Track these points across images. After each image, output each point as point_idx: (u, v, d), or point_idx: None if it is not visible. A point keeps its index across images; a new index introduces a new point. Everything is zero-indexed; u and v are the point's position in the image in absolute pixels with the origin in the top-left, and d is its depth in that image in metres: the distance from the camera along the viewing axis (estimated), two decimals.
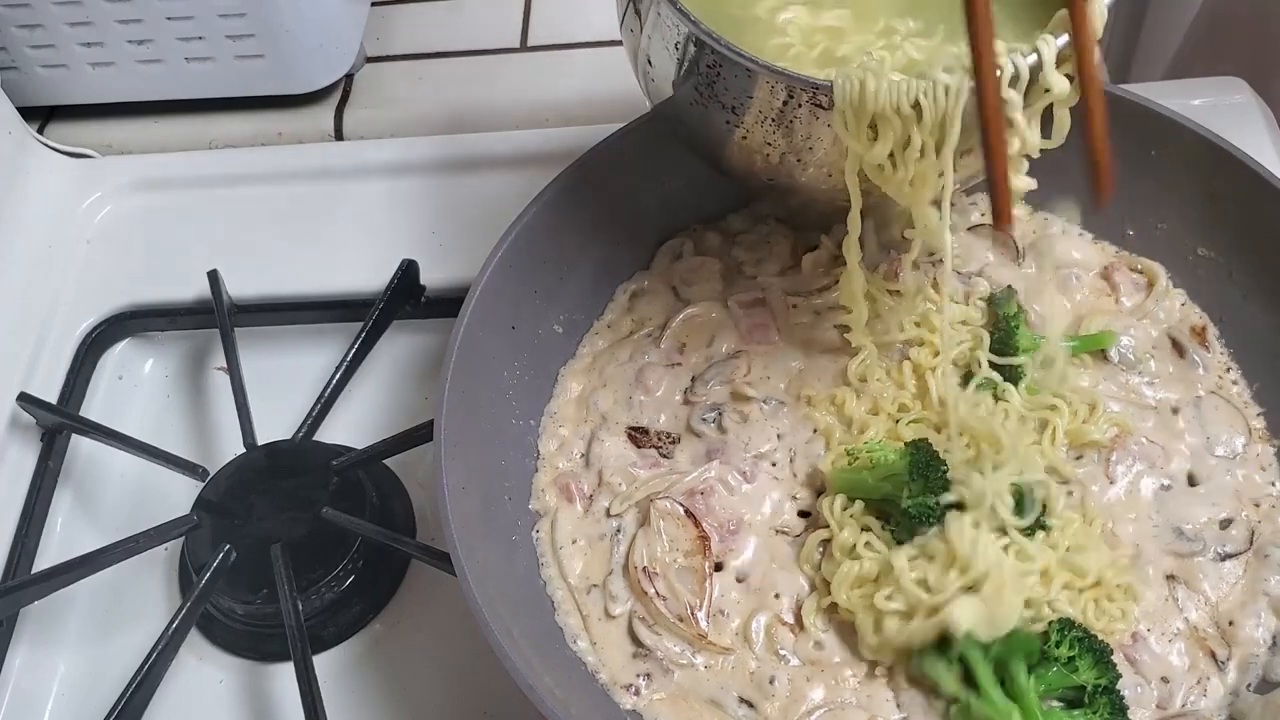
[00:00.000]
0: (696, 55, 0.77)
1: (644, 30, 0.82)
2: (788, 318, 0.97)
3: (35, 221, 1.18)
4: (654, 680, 0.83)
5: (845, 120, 0.74)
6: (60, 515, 1.04)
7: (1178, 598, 0.84)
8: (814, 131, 0.77)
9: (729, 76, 0.76)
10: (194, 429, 1.10)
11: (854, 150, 0.76)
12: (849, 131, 0.75)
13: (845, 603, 0.82)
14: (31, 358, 1.09)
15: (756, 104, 0.77)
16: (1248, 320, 0.94)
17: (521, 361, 0.95)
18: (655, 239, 1.03)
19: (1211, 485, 0.88)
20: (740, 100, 0.77)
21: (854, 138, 0.75)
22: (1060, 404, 0.89)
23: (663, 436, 0.93)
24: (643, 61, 0.84)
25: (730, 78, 0.76)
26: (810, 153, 0.79)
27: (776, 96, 0.76)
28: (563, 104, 1.25)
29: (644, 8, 0.80)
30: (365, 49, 1.32)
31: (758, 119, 0.78)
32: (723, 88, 0.77)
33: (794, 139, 0.78)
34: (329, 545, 0.95)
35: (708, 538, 0.86)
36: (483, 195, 1.15)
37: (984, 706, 0.77)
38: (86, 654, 0.97)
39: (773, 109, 0.77)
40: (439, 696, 0.91)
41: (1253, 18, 1.31)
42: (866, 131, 0.75)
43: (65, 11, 1.17)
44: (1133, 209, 0.98)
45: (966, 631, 0.77)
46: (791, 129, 0.78)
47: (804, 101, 0.75)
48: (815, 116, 0.76)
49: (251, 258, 1.13)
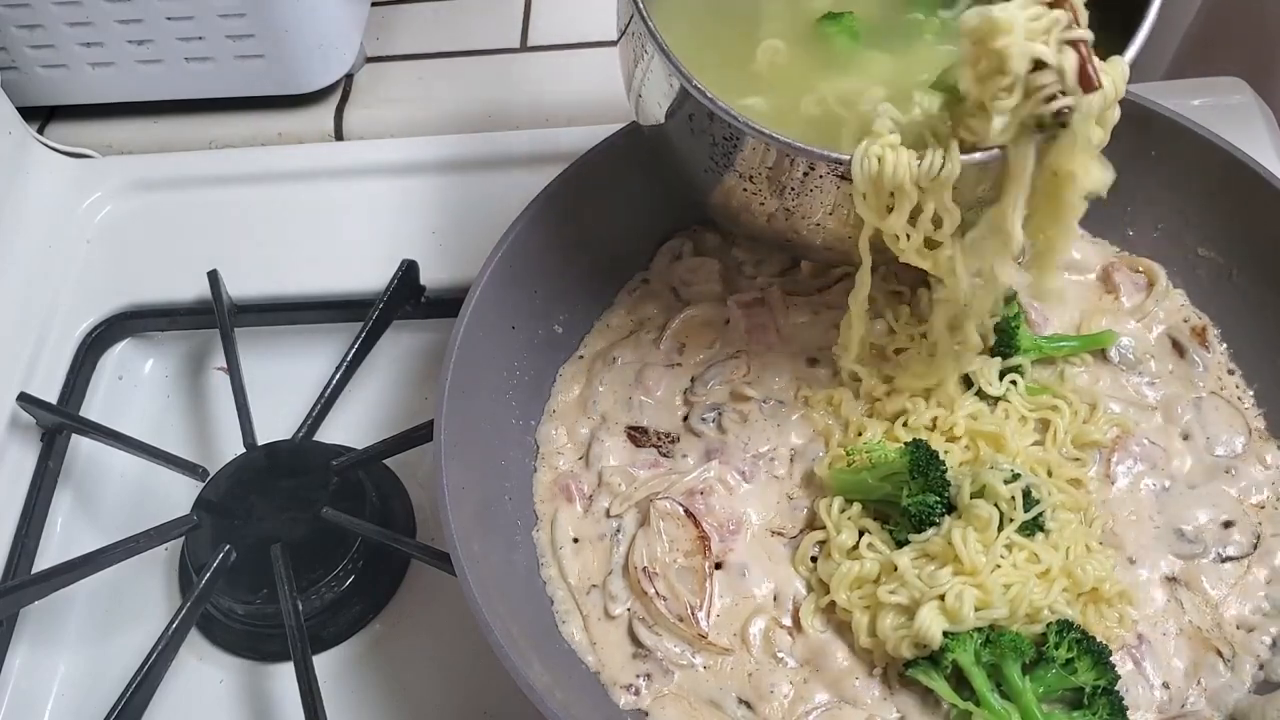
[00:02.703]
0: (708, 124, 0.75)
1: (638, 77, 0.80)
2: (787, 318, 0.97)
3: (35, 221, 1.18)
4: (654, 680, 0.83)
5: (864, 195, 0.73)
6: (60, 515, 1.04)
7: (1179, 598, 0.84)
8: (825, 200, 0.76)
9: (747, 149, 0.75)
10: (194, 429, 1.10)
11: (869, 222, 0.75)
12: (866, 204, 0.74)
13: (844, 603, 0.82)
14: (31, 358, 1.09)
15: (774, 174, 0.75)
16: (1248, 320, 0.94)
17: (521, 361, 0.95)
18: (655, 239, 1.03)
19: (1212, 486, 0.88)
20: (753, 169, 0.76)
21: (871, 210, 0.74)
22: (1061, 404, 0.89)
23: (662, 436, 0.93)
24: (634, 98, 0.83)
25: (749, 150, 0.75)
26: (823, 216, 0.78)
27: (795, 168, 0.74)
28: (563, 104, 1.25)
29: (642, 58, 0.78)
30: (365, 49, 1.32)
31: (767, 184, 0.77)
32: (740, 160, 0.76)
33: (803, 203, 0.77)
34: (329, 545, 0.95)
35: (708, 538, 0.86)
36: (483, 195, 1.15)
37: (984, 714, 0.77)
38: (86, 654, 0.97)
39: (789, 179, 0.75)
40: (439, 696, 0.91)
41: (1252, 18, 1.31)
42: (884, 203, 0.74)
43: (65, 11, 1.17)
44: (1133, 209, 0.98)
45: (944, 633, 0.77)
46: (806, 196, 0.76)
47: (825, 173, 0.74)
48: (833, 185, 0.75)
49: (251, 258, 1.13)
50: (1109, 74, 0.72)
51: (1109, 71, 0.72)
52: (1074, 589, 0.80)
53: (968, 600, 0.77)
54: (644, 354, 0.97)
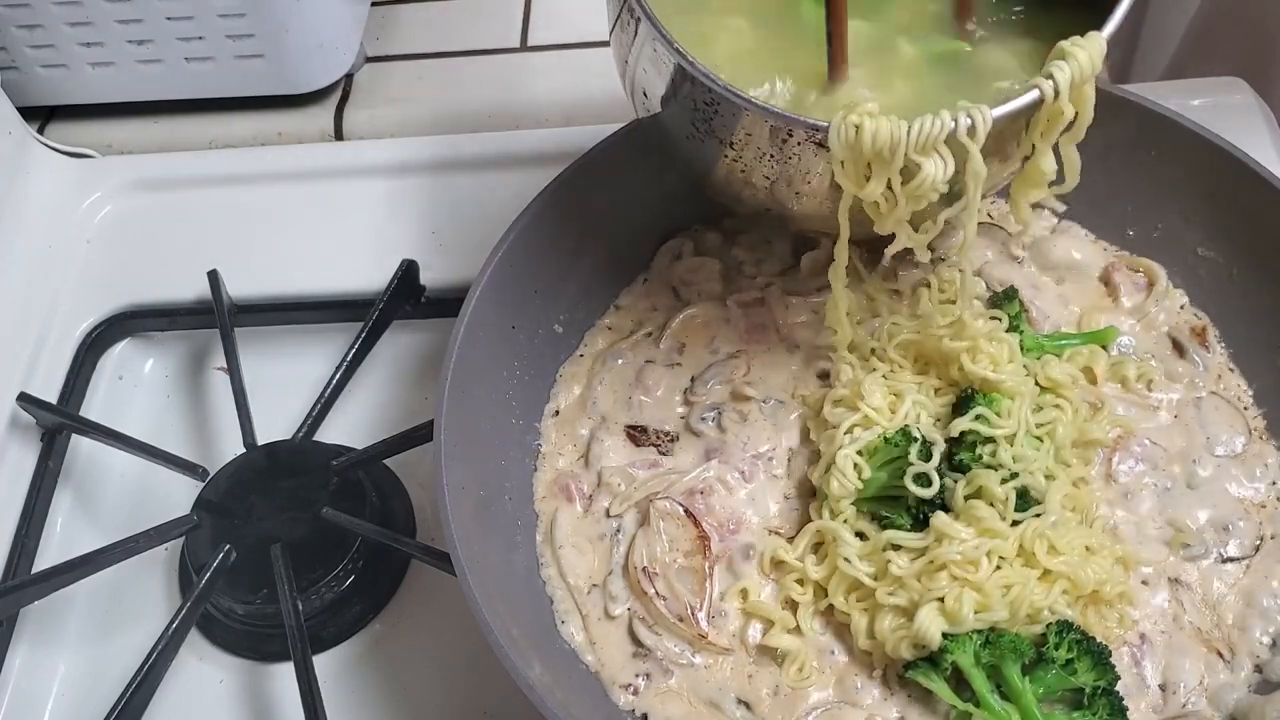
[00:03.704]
0: (690, 91, 0.76)
1: (632, 51, 0.80)
2: (787, 317, 0.97)
3: (35, 221, 1.18)
4: (653, 680, 0.83)
5: (841, 163, 0.73)
6: (60, 515, 1.05)
7: (1180, 599, 0.84)
8: (807, 166, 0.76)
9: (724, 113, 0.75)
10: (194, 429, 1.10)
11: (848, 190, 0.76)
12: (844, 173, 0.74)
13: (843, 605, 0.82)
14: (31, 358, 1.09)
15: (754, 140, 0.75)
16: (1248, 320, 0.94)
17: (521, 361, 0.95)
18: (655, 239, 1.03)
19: (1213, 486, 0.88)
20: (733, 134, 0.76)
21: (849, 179, 0.74)
22: (1064, 403, 0.89)
23: (662, 436, 0.93)
24: (629, 83, 0.83)
25: (726, 114, 0.75)
26: (805, 185, 0.78)
27: (777, 135, 0.74)
28: (563, 104, 1.25)
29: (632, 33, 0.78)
30: (365, 49, 1.32)
31: (752, 153, 0.77)
32: (720, 123, 0.76)
33: (786, 172, 0.77)
34: (329, 545, 0.95)
35: (707, 537, 0.86)
36: (483, 195, 1.15)
37: (984, 715, 0.77)
38: (86, 654, 0.97)
39: (766, 145, 0.75)
40: (439, 696, 0.91)
41: (1250, 18, 1.31)
42: (862, 172, 0.74)
43: (65, 11, 1.18)
44: (1133, 209, 0.98)
45: (943, 635, 0.77)
46: (783, 164, 0.76)
47: (803, 139, 0.74)
48: (811, 153, 0.75)
49: (251, 258, 1.13)
50: (1085, 49, 0.72)
51: (1085, 47, 0.72)
52: (1074, 590, 0.80)
53: (967, 602, 0.77)
54: (644, 354, 0.97)
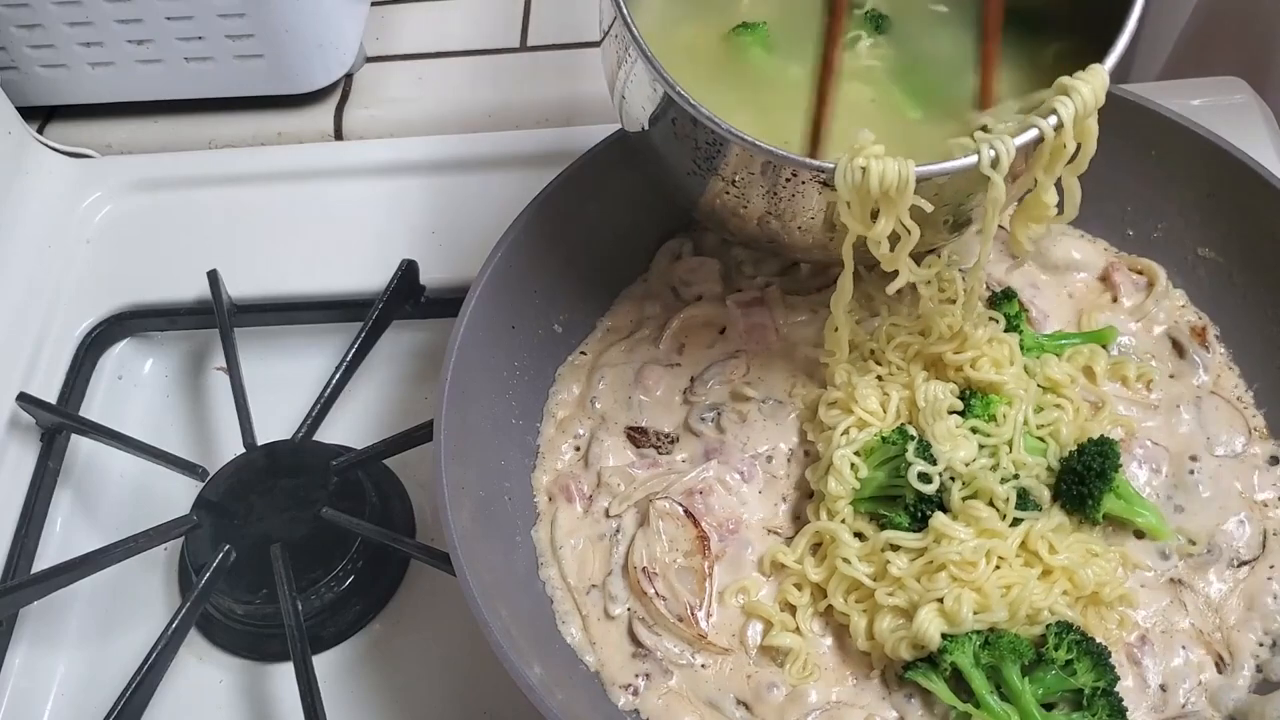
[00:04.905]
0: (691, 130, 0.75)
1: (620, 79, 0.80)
2: (786, 318, 0.97)
3: (35, 221, 1.18)
4: (653, 680, 0.83)
5: (848, 204, 0.73)
6: (60, 515, 1.05)
7: (1181, 600, 0.84)
8: (809, 206, 0.76)
9: (731, 156, 0.74)
10: (194, 429, 1.10)
11: (854, 230, 0.75)
12: (850, 213, 0.74)
13: (842, 606, 0.82)
14: (31, 358, 1.09)
15: (758, 181, 0.75)
16: (1248, 320, 0.94)
17: (521, 361, 0.95)
18: (655, 239, 1.03)
19: (1214, 486, 0.88)
20: (736, 175, 0.76)
21: (855, 219, 0.74)
22: (1065, 403, 0.89)
23: (662, 436, 0.93)
24: (617, 99, 0.83)
25: (728, 154, 0.74)
26: (804, 221, 0.78)
27: (780, 175, 0.74)
28: (563, 104, 1.25)
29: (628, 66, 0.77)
30: (365, 49, 1.32)
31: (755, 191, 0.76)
32: (724, 165, 0.75)
33: (786, 209, 0.77)
34: (329, 545, 0.95)
35: (707, 537, 0.86)
36: (483, 195, 1.15)
37: (983, 716, 0.77)
38: (86, 654, 0.97)
39: (773, 186, 0.75)
40: (439, 696, 0.91)
41: (1247, 17, 1.31)
42: (868, 211, 0.74)
43: (65, 11, 1.17)
44: (1133, 209, 0.98)
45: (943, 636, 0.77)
46: (790, 202, 0.76)
47: (808, 179, 0.73)
48: (816, 192, 0.74)
49: (251, 258, 1.13)
50: (1089, 83, 0.72)
51: (1089, 81, 0.72)
52: (1075, 591, 0.80)
53: (966, 603, 0.77)
54: (643, 354, 0.97)
